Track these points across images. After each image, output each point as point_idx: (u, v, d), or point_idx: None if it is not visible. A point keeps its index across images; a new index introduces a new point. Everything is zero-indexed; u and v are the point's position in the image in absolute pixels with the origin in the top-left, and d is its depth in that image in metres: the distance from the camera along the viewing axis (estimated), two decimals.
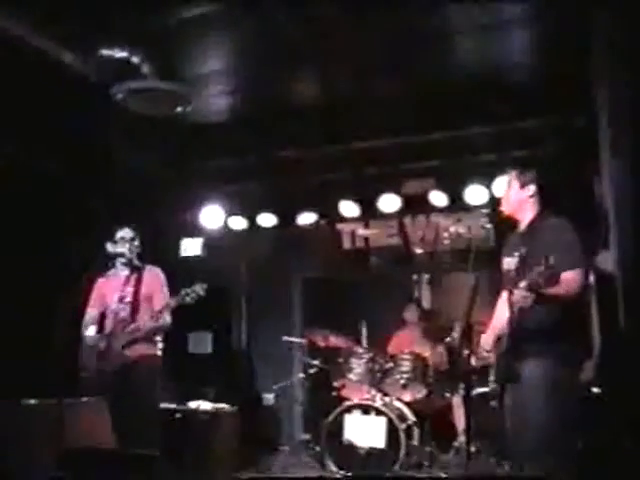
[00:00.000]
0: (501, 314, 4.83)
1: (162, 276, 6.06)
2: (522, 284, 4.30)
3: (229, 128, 8.00)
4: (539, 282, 4.20)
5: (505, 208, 4.98)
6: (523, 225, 4.89)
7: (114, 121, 7.05)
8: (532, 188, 4.84)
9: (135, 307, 5.83)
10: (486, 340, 4.90)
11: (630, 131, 4.15)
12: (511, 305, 4.55)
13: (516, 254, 4.61)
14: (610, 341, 5.75)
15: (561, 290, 4.40)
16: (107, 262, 6.08)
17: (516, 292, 4.36)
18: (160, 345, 5.89)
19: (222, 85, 7.33)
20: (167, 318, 5.80)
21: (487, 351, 4.83)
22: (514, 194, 4.90)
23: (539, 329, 4.48)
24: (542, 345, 4.49)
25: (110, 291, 6.05)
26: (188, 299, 5.62)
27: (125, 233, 6.02)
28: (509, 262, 4.75)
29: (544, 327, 4.48)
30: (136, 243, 6.06)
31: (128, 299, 5.87)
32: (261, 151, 8.31)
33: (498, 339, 4.76)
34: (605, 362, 5.80)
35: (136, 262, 6.05)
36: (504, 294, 4.83)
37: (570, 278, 4.43)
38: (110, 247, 5.99)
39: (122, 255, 5.99)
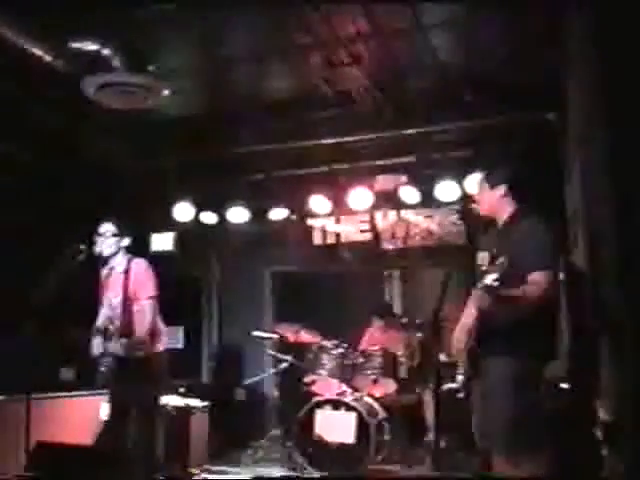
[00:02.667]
0: (470, 310, 4.87)
1: (148, 269, 5.92)
2: (479, 285, 4.35)
3: (200, 122, 7.97)
4: (493, 285, 4.23)
5: (481, 209, 4.99)
6: (500, 223, 4.90)
7: (85, 114, 7.00)
8: (502, 188, 4.85)
9: (124, 313, 5.72)
10: (458, 336, 4.91)
11: (601, 128, 4.18)
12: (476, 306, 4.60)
13: (487, 252, 4.64)
14: (579, 338, 5.79)
15: (527, 291, 4.42)
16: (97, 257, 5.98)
17: (474, 292, 4.41)
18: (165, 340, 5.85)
19: (193, 79, 7.31)
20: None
21: (458, 348, 4.84)
22: (486, 196, 4.92)
23: (501, 328, 4.51)
24: (504, 343, 4.51)
25: (105, 287, 5.96)
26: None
27: (106, 228, 5.86)
28: (481, 257, 4.78)
29: (507, 326, 4.50)
30: (120, 239, 5.93)
31: (117, 306, 5.77)
32: (232, 146, 8.29)
33: (470, 335, 4.79)
34: (574, 359, 5.84)
35: (119, 260, 5.94)
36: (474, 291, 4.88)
37: (538, 279, 4.43)
38: (96, 243, 5.87)
39: (101, 254, 5.88)
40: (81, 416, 5.79)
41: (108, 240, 5.85)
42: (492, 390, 4.55)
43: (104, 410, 5.72)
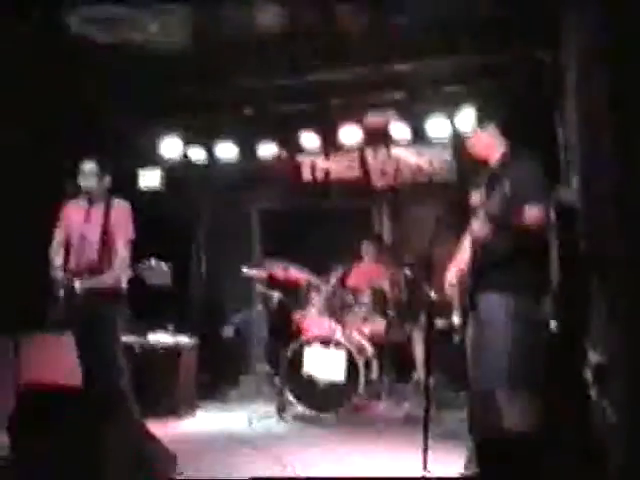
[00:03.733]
0: (465, 249, 4.89)
1: (129, 212, 5.80)
2: (481, 214, 4.35)
3: (189, 57, 7.79)
4: (495, 212, 4.25)
5: (473, 150, 5.01)
6: (492, 162, 4.92)
7: (69, 48, 6.83)
8: (492, 128, 4.89)
9: (101, 246, 5.68)
10: (450, 274, 4.95)
11: (600, 66, 4.11)
12: (473, 238, 4.63)
13: (483, 189, 4.65)
14: (569, 276, 5.79)
15: (523, 222, 4.45)
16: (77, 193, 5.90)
17: (474, 222, 4.43)
18: (126, 277, 5.77)
19: (181, 12, 7.13)
20: (129, 272, 5.66)
21: (451, 285, 4.89)
22: (477, 137, 4.95)
23: (498, 261, 4.56)
24: (500, 277, 4.57)
25: (75, 217, 5.87)
26: (150, 279, 5.47)
27: (90, 167, 5.75)
28: (476, 196, 4.78)
29: (503, 259, 4.55)
30: (105, 178, 5.86)
31: (94, 234, 5.72)
32: (221, 81, 8.13)
33: (462, 273, 4.82)
34: (564, 297, 5.85)
35: (103, 197, 5.88)
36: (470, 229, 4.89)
37: (534, 212, 4.47)
38: (79, 180, 5.82)
39: (88, 190, 5.82)
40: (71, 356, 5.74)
41: (91, 178, 5.79)
42: (490, 325, 4.58)
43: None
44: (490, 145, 4.91)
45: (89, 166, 5.77)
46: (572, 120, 5.68)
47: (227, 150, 8.89)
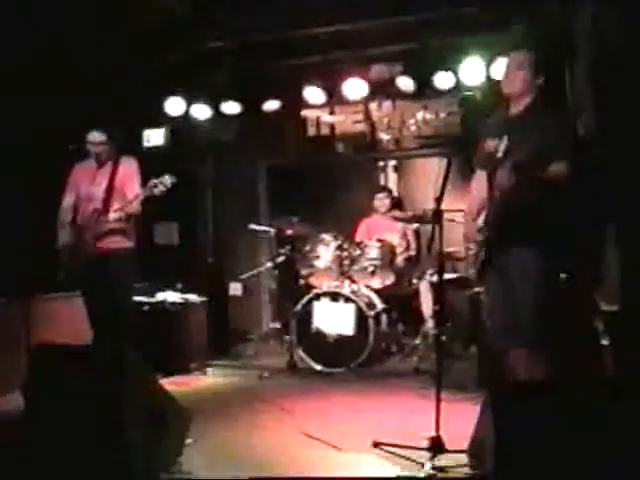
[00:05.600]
0: (477, 195, 4.76)
1: (136, 165, 6.04)
2: (508, 163, 4.25)
3: (192, 14, 7.70)
4: (525, 162, 4.14)
5: (507, 88, 4.73)
6: (516, 109, 4.70)
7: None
8: (542, 77, 4.65)
9: (108, 197, 5.78)
10: (469, 229, 4.82)
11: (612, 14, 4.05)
12: (492, 188, 4.50)
13: (505, 136, 4.46)
14: (581, 227, 5.75)
15: (549, 175, 4.32)
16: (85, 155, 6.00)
17: (500, 171, 4.32)
18: (133, 237, 5.84)
19: None
20: (137, 207, 5.77)
21: (473, 239, 4.76)
22: (526, 77, 4.65)
23: (521, 214, 4.39)
24: (526, 230, 4.41)
25: (84, 179, 6.00)
26: (156, 191, 5.61)
27: (95, 137, 5.96)
28: (496, 144, 4.56)
29: (527, 212, 4.37)
30: (110, 145, 5.95)
31: (101, 190, 5.82)
32: (224, 37, 8.04)
33: (479, 229, 4.69)
34: (574, 248, 5.82)
35: (111, 158, 5.99)
36: (478, 174, 4.77)
37: (559, 168, 4.32)
38: (88, 146, 5.92)
39: (97, 155, 5.93)
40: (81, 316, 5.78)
41: (98, 147, 5.92)
42: (518, 279, 4.47)
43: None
44: (528, 92, 4.66)
45: (95, 136, 5.90)
46: (582, 68, 5.61)
47: (231, 107, 8.79)
